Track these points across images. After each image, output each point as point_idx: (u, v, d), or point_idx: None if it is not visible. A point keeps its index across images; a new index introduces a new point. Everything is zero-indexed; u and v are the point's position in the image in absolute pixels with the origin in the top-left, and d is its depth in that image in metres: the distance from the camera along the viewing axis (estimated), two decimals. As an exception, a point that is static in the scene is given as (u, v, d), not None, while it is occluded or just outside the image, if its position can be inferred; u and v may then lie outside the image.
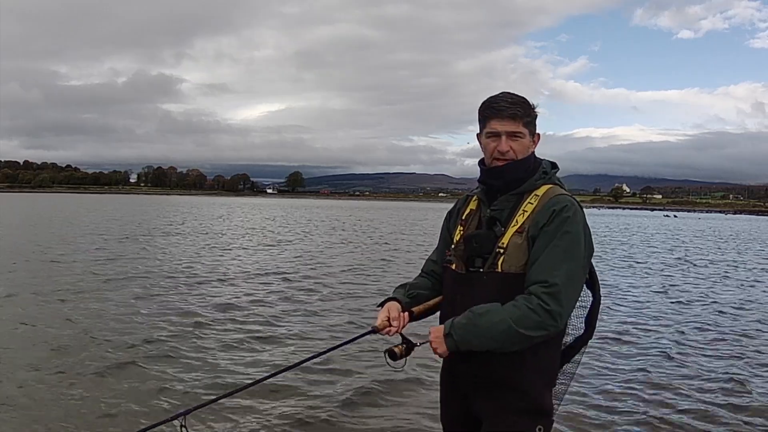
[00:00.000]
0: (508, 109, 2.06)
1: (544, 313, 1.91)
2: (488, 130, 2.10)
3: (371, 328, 2.17)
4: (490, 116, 2.09)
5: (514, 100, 2.08)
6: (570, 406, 4.80)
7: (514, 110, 2.06)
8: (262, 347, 6.59)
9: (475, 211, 2.22)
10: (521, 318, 1.91)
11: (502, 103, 2.08)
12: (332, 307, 9.00)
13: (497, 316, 1.93)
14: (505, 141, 2.07)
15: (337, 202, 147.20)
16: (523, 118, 2.07)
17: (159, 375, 5.49)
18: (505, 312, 1.93)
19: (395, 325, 2.15)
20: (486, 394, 2.07)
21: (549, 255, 1.96)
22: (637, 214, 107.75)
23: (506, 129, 2.06)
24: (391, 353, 2.07)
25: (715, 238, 32.69)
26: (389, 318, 2.16)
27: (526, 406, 2.02)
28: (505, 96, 2.09)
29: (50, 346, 6.29)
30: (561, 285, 1.93)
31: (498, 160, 2.09)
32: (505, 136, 2.07)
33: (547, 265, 1.95)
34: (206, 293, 9.95)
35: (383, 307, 2.22)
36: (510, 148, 2.07)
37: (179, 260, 14.67)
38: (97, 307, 8.36)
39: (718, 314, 9.27)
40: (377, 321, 2.16)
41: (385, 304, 2.24)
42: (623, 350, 6.80)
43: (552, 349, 2.08)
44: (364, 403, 4.97)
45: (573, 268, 1.97)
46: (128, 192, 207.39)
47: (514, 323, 1.91)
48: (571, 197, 2.08)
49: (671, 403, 5.09)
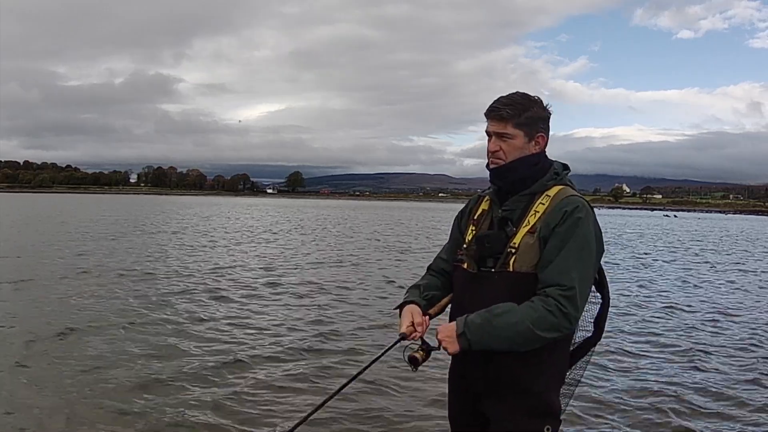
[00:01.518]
0: (497, 109, 2.09)
1: (561, 315, 1.92)
2: (485, 130, 2.14)
3: (399, 335, 2.12)
4: (486, 116, 2.13)
5: (506, 101, 2.09)
6: (573, 408, 4.80)
7: (503, 111, 2.08)
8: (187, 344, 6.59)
9: (487, 211, 2.23)
10: (539, 320, 1.92)
11: (495, 103, 2.11)
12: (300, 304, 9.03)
13: (515, 317, 1.93)
14: (494, 141, 2.11)
15: (337, 202, 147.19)
16: (513, 119, 2.07)
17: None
18: (522, 313, 1.93)
19: (419, 330, 2.12)
20: (494, 393, 2.07)
21: (564, 257, 1.97)
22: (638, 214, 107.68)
23: (493, 129, 2.10)
24: (413, 360, 2.04)
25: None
26: (413, 323, 2.13)
27: (535, 407, 2.02)
28: (503, 97, 2.11)
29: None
30: (577, 288, 1.94)
31: (492, 160, 2.12)
32: (494, 137, 2.11)
33: (562, 268, 1.96)
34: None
35: (404, 312, 2.19)
36: (499, 148, 2.09)
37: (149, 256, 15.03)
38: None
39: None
40: (402, 327, 2.13)
41: (403, 308, 2.21)
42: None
43: (561, 349, 2.09)
44: (370, 400, 4.97)
45: (586, 270, 1.99)
46: (128, 192, 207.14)
47: (532, 324, 1.91)
48: (582, 198, 2.09)
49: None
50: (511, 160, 2.09)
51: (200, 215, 44.19)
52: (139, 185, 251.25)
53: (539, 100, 2.14)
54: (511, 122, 2.07)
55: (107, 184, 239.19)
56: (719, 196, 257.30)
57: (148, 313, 8.06)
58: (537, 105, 2.11)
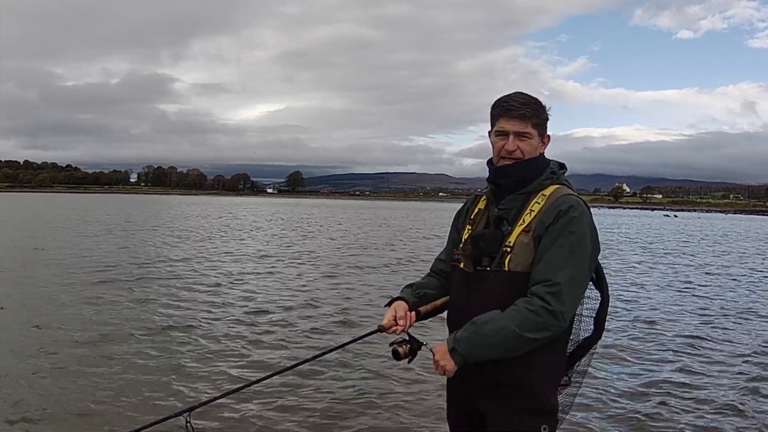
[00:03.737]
0: (517, 109, 2.07)
1: (546, 313, 1.91)
2: (497, 129, 2.12)
3: (378, 327, 2.19)
4: (500, 115, 2.10)
5: (524, 101, 2.09)
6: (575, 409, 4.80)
7: (523, 110, 2.07)
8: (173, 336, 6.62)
9: (483, 210, 2.23)
10: (524, 321, 1.92)
11: (512, 102, 2.09)
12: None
13: (500, 323, 1.94)
14: (513, 140, 2.08)
15: (337, 202, 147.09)
16: (531, 119, 2.08)
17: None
18: (507, 318, 1.94)
19: (401, 324, 2.16)
20: (491, 394, 2.08)
21: (553, 254, 1.97)
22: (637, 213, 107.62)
23: (514, 129, 2.08)
24: (395, 353, 2.08)
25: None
26: (395, 317, 2.18)
27: (532, 406, 2.03)
28: (516, 96, 2.10)
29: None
30: (564, 284, 1.93)
31: (505, 159, 2.11)
32: (512, 136, 2.08)
33: (550, 265, 1.96)
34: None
35: (390, 307, 2.24)
36: (517, 147, 2.08)
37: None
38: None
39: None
40: (384, 320, 2.19)
41: (392, 304, 2.26)
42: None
43: (557, 348, 2.08)
44: (368, 400, 4.98)
45: (577, 268, 1.98)
46: (129, 192, 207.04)
47: (518, 328, 1.91)
48: (578, 197, 2.09)
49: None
50: (528, 159, 2.10)
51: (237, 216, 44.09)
52: (140, 185, 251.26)
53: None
54: (531, 122, 2.08)
55: (107, 183, 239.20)
56: (719, 196, 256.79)
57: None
58: (544, 107, 2.14)
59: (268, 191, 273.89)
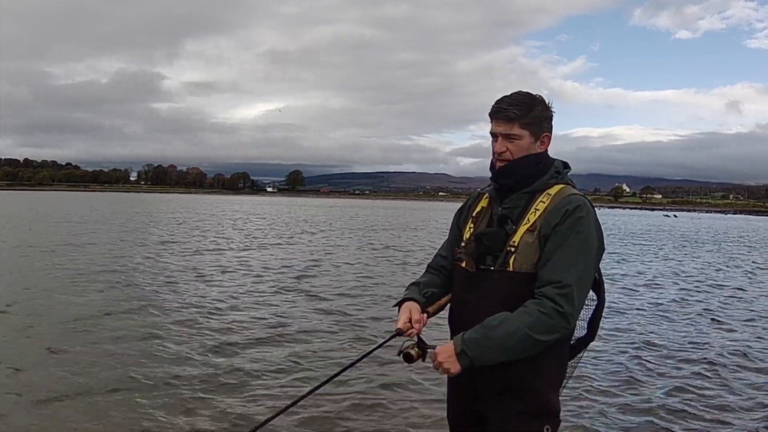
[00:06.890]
0: (504, 110, 2.07)
1: (557, 315, 1.90)
2: (490, 131, 2.13)
3: (396, 330, 2.11)
4: (491, 117, 2.12)
5: (512, 101, 2.08)
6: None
7: (509, 111, 2.06)
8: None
9: (486, 208, 2.21)
10: (535, 324, 1.89)
11: (501, 104, 2.09)
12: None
13: (511, 326, 1.91)
14: (501, 142, 2.09)
15: (337, 201, 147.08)
16: (519, 120, 2.05)
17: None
18: (518, 320, 1.91)
19: (417, 327, 2.11)
20: (493, 393, 2.06)
21: (562, 255, 1.95)
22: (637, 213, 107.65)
23: (500, 130, 2.09)
24: (407, 356, 2.04)
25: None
26: (411, 320, 2.12)
27: (534, 407, 2.01)
28: (507, 97, 2.09)
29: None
30: (574, 286, 1.92)
31: (499, 160, 2.11)
32: (501, 138, 2.09)
33: (560, 266, 1.94)
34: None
35: (402, 308, 2.18)
36: (506, 149, 2.08)
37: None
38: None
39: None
40: (399, 323, 2.11)
41: (402, 305, 2.20)
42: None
43: (560, 349, 2.06)
44: (368, 401, 4.96)
45: (585, 269, 1.97)
46: (129, 190, 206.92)
47: (529, 330, 1.89)
48: (584, 197, 2.07)
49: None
50: (517, 159, 2.08)
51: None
52: (139, 183, 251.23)
53: (542, 99, 2.12)
54: (518, 123, 2.06)
55: (107, 182, 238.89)
56: (719, 197, 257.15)
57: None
58: (541, 104, 2.10)
59: (268, 190, 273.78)
